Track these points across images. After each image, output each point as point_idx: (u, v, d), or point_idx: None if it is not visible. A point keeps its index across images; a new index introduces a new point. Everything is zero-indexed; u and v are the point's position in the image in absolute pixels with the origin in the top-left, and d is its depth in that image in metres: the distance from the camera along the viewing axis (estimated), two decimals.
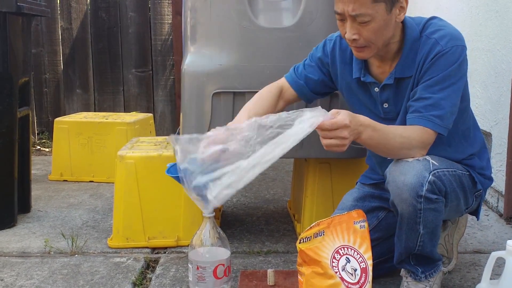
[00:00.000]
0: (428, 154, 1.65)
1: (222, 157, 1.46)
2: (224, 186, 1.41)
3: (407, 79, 1.69)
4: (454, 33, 1.65)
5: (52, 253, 2.18)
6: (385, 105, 1.76)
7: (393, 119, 1.76)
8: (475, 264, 2.05)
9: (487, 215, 2.62)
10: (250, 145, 1.45)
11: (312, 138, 2.10)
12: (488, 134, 2.75)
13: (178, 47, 4.26)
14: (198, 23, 2.08)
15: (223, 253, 1.73)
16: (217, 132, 1.52)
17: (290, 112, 1.48)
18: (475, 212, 1.87)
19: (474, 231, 2.40)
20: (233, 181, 1.41)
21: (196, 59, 2.08)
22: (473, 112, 2.83)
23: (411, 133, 1.62)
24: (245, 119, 1.63)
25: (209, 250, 1.71)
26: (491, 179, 1.84)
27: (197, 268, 1.70)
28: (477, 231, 2.40)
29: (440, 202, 1.62)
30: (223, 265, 1.70)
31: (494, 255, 1.62)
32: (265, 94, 1.87)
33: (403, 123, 1.68)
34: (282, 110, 1.87)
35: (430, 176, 1.58)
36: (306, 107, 1.79)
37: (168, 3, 4.45)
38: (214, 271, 1.69)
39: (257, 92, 2.05)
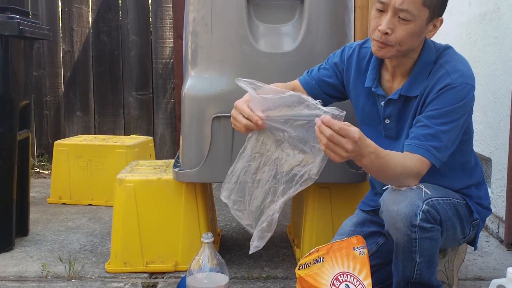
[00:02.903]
0: (422, 182, 1.64)
1: None
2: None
3: (412, 99, 1.69)
4: (467, 72, 1.67)
5: (49, 277, 2.16)
6: (387, 121, 1.76)
7: (393, 138, 1.76)
8: None
9: (488, 241, 2.61)
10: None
11: None
12: (488, 159, 2.74)
13: (179, 70, 4.28)
14: (199, 47, 2.09)
15: (222, 279, 1.71)
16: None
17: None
18: (472, 242, 1.86)
19: (474, 257, 2.38)
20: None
21: (196, 83, 2.09)
22: (473, 137, 2.84)
23: (410, 163, 1.61)
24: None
25: (207, 275, 1.70)
26: (489, 209, 1.83)
27: None
28: (478, 258, 2.38)
29: (435, 231, 1.61)
30: None
31: (495, 282, 1.60)
32: (281, 85, 1.84)
33: None
34: None
35: (424, 205, 1.58)
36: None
37: (169, 27, 4.49)
38: None
39: None
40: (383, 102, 1.75)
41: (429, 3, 1.58)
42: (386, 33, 1.60)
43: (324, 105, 1.85)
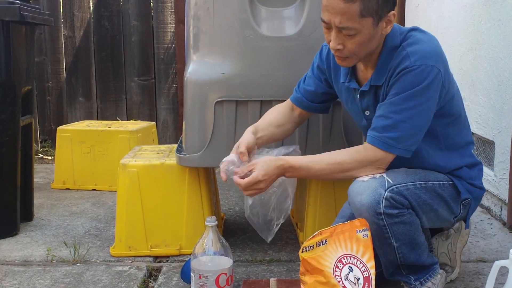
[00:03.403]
0: (408, 166, 1.68)
1: None
2: None
3: (381, 87, 1.69)
4: (429, 51, 1.62)
5: (55, 261, 2.18)
6: (367, 113, 1.77)
7: None
8: (479, 273, 2.04)
9: (491, 224, 2.62)
10: None
11: (314, 147, 2.11)
12: (491, 142, 2.74)
13: (181, 55, 4.27)
14: (201, 32, 2.08)
15: (226, 262, 1.72)
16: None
17: None
18: (464, 221, 1.88)
19: (477, 240, 2.39)
20: None
21: (198, 68, 2.09)
22: (476, 120, 2.84)
23: (344, 157, 1.65)
24: (251, 131, 1.82)
25: (211, 259, 1.71)
26: (482, 189, 1.84)
27: (200, 277, 1.69)
28: (481, 240, 2.40)
29: (405, 215, 1.62)
30: (226, 274, 1.70)
31: (498, 264, 1.61)
32: (274, 107, 1.95)
33: None
34: (300, 121, 1.97)
35: (386, 192, 1.59)
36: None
37: (171, 11, 4.47)
38: (217, 280, 1.69)
39: (259, 100, 2.07)
40: (358, 95, 1.75)
41: (367, 12, 1.55)
42: (338, 49, 1.62)
43: (324, 111, 1.99)
